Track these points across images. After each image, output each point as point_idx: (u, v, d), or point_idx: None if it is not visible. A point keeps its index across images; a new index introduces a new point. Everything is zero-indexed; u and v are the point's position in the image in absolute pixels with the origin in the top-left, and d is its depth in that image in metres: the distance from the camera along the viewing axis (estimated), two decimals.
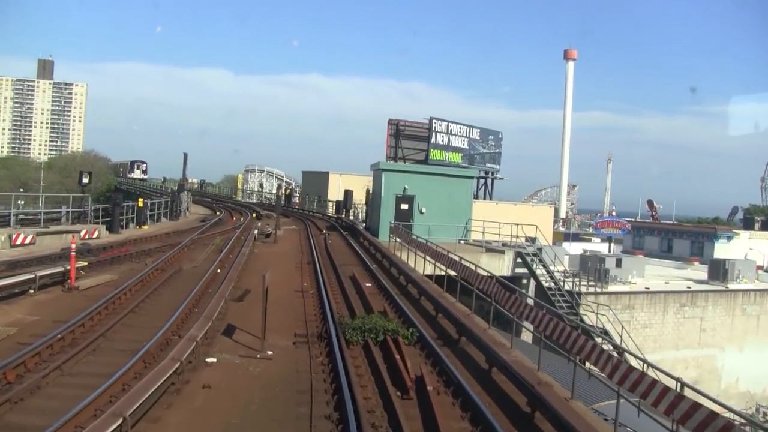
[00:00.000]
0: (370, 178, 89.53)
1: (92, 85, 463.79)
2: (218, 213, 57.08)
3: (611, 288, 43.90)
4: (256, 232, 36.29)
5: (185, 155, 75.23)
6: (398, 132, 75.45)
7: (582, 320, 36.90)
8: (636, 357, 15.84)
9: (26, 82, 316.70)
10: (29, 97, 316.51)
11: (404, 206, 43.03)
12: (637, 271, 49.03)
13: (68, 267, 21.18)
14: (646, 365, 13.79)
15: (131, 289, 20.22)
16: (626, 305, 43.61)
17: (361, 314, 18.34)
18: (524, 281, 40.19)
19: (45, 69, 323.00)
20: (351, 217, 60.83)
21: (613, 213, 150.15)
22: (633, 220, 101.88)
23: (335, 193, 79.15)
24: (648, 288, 45.56)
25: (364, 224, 50.89)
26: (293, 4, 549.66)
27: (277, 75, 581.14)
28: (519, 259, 39.59)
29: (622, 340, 35.47)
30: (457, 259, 23.15)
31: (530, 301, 30.62)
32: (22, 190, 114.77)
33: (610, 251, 77.37)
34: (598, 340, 31.35)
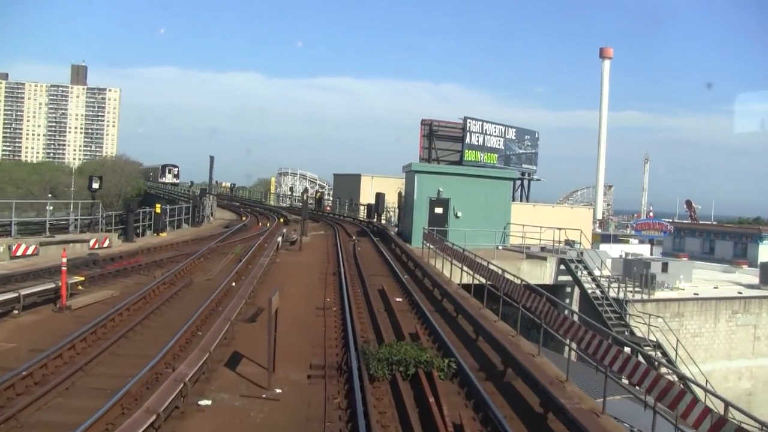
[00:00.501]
0: (402, 180, 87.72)
1: (125, 90, 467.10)
2: (244, 218, 54.87)
3: (658, 294, 40.96)
4: (279, 239, 33.87)
5: (211, 158, 73.43)
6: (431, 132, 73.49)
7: (632, 332, 34.12)
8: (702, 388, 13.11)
9: (60, 88, 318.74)
10: (63, 102, 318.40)
11: (438, 210, 40.43)
12: (684, 275, 46.10)
13: (68, 281, 18.92)
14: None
15: (130, 307, 17.88)
16: (675, 313, 40.53)
17: (389, 339, 15.83)
18: (568, 289, 37.41)
19: (78, 74, 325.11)
20: (383, 221, 58.35)
21: (651, 214, 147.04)
22: (671, 220, 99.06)
23: (367, 197, 76.90)
24: (697, 294, 42.55)
25: (396, 229, 48.39)
26: (325, 7, 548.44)
27: (309, 78, 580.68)
28: (562, 266, 36.76)
29: (677, 355, 32.57)
30: (499, 271, 20.46)
31: (575, 311, 27.96)
32: (50, 195, 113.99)
33: (651, 254, 74.27)
34: (652, 354, 28.38)
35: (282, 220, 52.37)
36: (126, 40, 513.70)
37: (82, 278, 20.47)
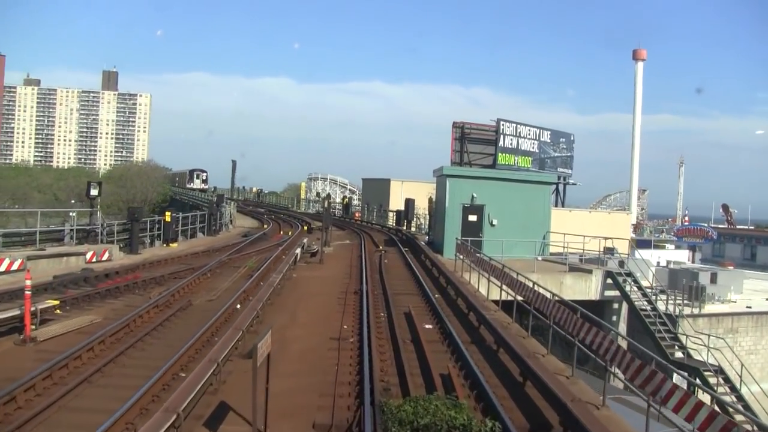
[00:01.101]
0: (433, 185, 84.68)
1: (157, 96, 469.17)
2: (265, 226, 52.02)
3: (709, 308, 37.49)
4: (298, 251, 30.90)
5: (234, 163, 70.91)
6: (463, 135, 70.83)
7: (689, 355, 30.70)
8: None
9: (91, 94, 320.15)
10: (94, 108, 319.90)
11: (472, 218, 37.25)
12: (734, 286, 42.47)
13: (38, 306, 16.06)
14: None
15: (107, 339, 14.98)
16: (728, 329, 37.02)
17: (415, 383, 12.77)
18: (615, 305, 34.06)
19: (109, 80, 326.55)
20: (412, 229, 55.22)
21: (686, 219, 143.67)
22: (707, 225, 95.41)
23: (396, 202, 74.14)
24: (750, 307, 38.96)
25: (427, 238, 45.26)
26: (355, 11, 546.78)
27: (340, 83, 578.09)
28: (609, 280, 33.37)
29: (741, 381, 29.13)
30: (548, 295, 17.22)
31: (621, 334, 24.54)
32: (73, 201, 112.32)
33: (692, 261, 70.43)
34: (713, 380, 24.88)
35: (305, 228, 49.46)
36: (156, 46, 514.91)
37: (56, 302, 17.51)
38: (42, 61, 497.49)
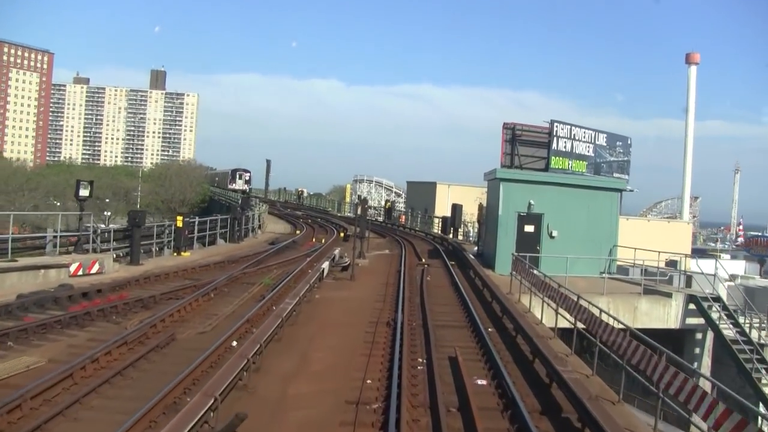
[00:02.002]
0: (482, 189, 79.34)
1: (205, 96, 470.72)
2: (298, 231, 47.57)
3: None
4: (326, 264, 26.32)
5: (268, 162, 66.99)
6: (514, 137, 65.90)
7: None
8: None
9: (139, 93, 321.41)
10: (142, 107, 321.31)
11: (529, 228, 32.37)
12: None
13: None
14: None
15: (35, 397, 10.60)
16: None
17: None
18: (698, 336, 28.89)
19: (157, 79, 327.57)
20: (459, 237, 50.49)
21: (740, 228, 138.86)
22: (761, 234, 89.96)
23: (443, 207, 69.93)
24: None
25: (476, 248, 40.48)
26: (406, 14, 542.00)
27: (388, 86, 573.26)
28: (691, 305, 28.22)
29: None
30: (620, 325, 12.39)
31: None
32: (108, 200, 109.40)
33: (760, 275, 64.52)
34: None
35: (342, 234, 44.96)
36: (207, 47, 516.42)
37: None
38: (92, 61, 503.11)
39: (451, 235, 51.14)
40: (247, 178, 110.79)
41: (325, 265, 26.01)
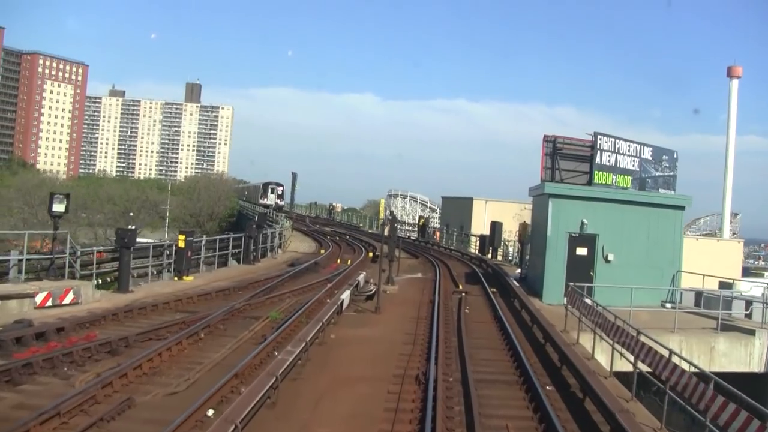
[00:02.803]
0: (521, 205, 75.31)
1: (241, 109, 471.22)
2: (323, 251, 43.63)
3: None
4: (346, 294, 22.36)
5: (294, 175, 63.51)
6: (555, 150, 61.88)
7: None
8: None
9: (174, 105, 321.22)
10: (177, 120, 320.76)
11: (581, 251, 28.25)
12: None
13: None
14: None
15: None
16: None
17: None
18: None
19: (192, 92, 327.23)
20: (498, 258, 46.42)
21: None
22: None
23: (480, 224, 65.83)
24: None
25: (519, 272, 36.41)
26: (441, 29, 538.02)
27: (423, 100, 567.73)
28: None
29: None
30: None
31: None
32: (132, 214, 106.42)
33: None
34: None
35: (371, 254, 41.04)
36: (242, 61, 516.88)
37: None
38: (128, 74, 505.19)
39: (489, 255, 47.08)
40: (280, 192, 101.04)
41: (346, 295, 22.08)
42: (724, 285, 32.44)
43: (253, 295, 23.31)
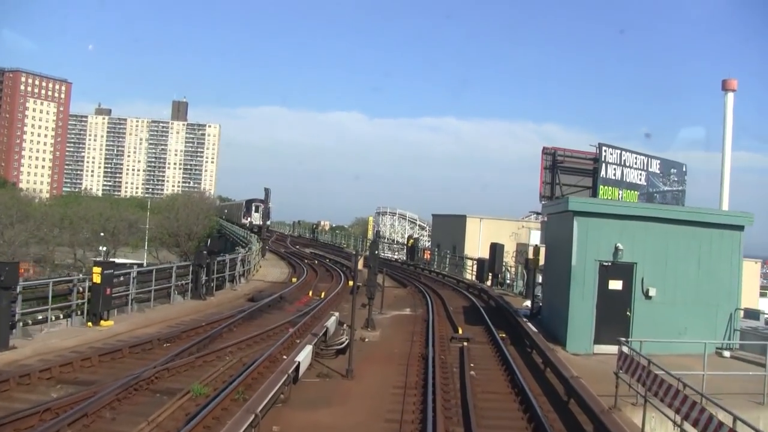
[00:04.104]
0: (518, 223, 69.66)
1: (229, 128, 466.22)
2: (294, 279, 37.27)
3: None
4: (304, 354, 15.98)
5: (266, 191, 57.42)
6: (555, 164, 57.44)
7: None
8: None
9: (161, 124, 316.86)
10: (163, 138, 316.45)
11: (615, 284, 21.95)
12: None
13: None
14: None
15: None
16: None
17: None
18: None
19: (179, 111, 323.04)
20: (498, 287, 40.21)
21: None
22: None
23: (474, 245, 60.09)
24: None
25: (527, 305, 30.31)
26: (426, 46, 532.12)
27: (411, 118, 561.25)
28: None
29: None
30: None
31: None
32: (102, 234, 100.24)
33: None
34: None
35: (350, 283, 34.78)
36: (229, 80, 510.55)
37: None
38: (114, 93, 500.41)
39: (489, 282, 40.89)
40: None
41: (304, 354, 15.80)
42: (751, 314, 28.07)
43: (183, 350, 17.01)
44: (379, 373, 17.04)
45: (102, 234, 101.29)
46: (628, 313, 21.66)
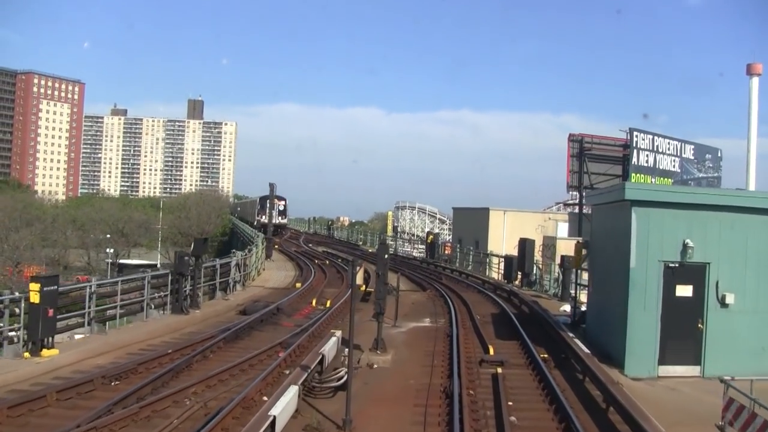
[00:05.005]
0: (543, 215, 65.43)
1: (246, 126, 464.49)
2: (299, 285, 33.07)
3: None
4: (279, 408, 11.73)
5: (272, 186, 53.48)
6: (582, 151, 54.18)
7: None
8: None
9: (177, 123, 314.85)
10: (180, 137, 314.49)
11: (683, 290, 17.51)
12: None
13: None
14: None
15: None
16: None
17: None
18: None
19: (195, 109, 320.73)
20: (529, 287, 35.91)
21: None
22: None
23: (497, 239, 56.09)
24: None
25: (566, 309, 26.09)
26: (441, 39, 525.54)
27: (428, 112, 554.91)
28: None
29: None
30: None
31: None
32: (109, 236, 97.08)
33: None
34: None
35: (363, 288, 30.65)
36: (247, 78, 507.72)
37: None
38: (130, 93, 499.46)
39: (517, 282, 36.57)
40: (282, 207, 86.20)
41: (284, 402, 11.58)
42: None
43: (131, 393, 12.86)
44: (387, 421, 12.79)
45: (108, 236, 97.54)
46: (699, 325, 17.35)
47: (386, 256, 17.71)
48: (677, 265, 17.39)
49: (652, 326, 17.20)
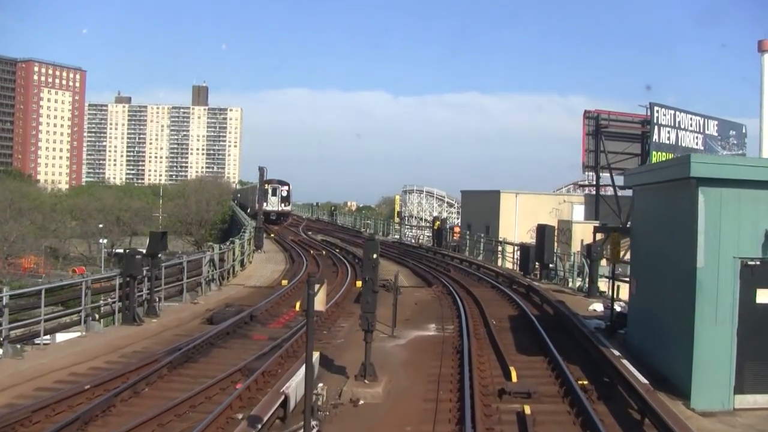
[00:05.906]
0: (558, 198, 61.58)
1: (252, 112, 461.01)
2: (285, 282, 28.83)
3: None
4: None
5: (261, 170, 49.46)
6: (598, 129, 51.23)
7: None
8: None
9: (181, 109, 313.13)
10: (185, 124, 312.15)
11: (767, 295, 13.39)
12: None
13: None
14: None
15: None
16: None
17: None
18: None
19: (200, 95, 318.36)
20: (548, 280, 31.76)
21: None
22: None
23: (509, 224, 52.62)
24: None
25: (598, 310, 22.00)
26: (445, 21, 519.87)
27: (434, 95, 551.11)
28: None
29: None
30: None
31: None
32: (101, 225, 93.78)
33: None
34: None
35: (358, 284, 26.47)
36: (253, 64, 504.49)
37: None
38: (134, 81, 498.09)
39: (537, 274, 32.44)
40: (285, 193, 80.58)
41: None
42: None
43: None
44: None
45: (101, 225, 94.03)
46: None
47: (375, 255, 13.54)
48: (759, 262, 13.11)
49: (726, 343, 12.99)
